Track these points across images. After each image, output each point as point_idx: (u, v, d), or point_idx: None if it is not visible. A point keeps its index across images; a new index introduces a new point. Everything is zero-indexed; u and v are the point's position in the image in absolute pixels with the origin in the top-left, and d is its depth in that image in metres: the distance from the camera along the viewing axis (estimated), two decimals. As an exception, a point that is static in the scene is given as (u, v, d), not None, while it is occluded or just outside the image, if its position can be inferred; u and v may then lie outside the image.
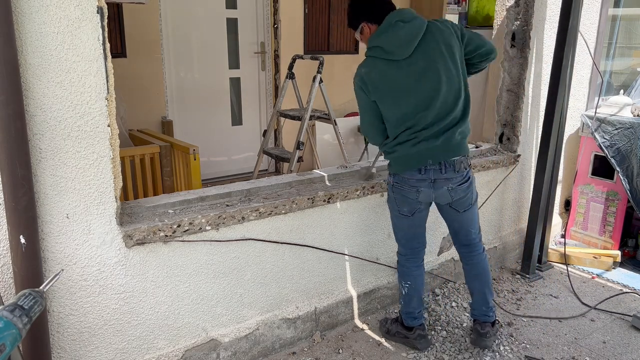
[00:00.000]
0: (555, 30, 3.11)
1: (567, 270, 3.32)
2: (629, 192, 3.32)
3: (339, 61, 5.44)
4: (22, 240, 1.67)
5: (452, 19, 5.98)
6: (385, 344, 2.61)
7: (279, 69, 5.16)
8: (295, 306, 2.57)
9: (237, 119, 5.26)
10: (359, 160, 4.88)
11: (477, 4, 5.07)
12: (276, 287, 2.47)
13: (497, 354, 2.54)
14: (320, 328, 2.67)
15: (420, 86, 2.16)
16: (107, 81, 1.82)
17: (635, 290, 3.17)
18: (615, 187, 3.52)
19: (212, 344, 2.30)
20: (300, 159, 3.68)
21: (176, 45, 4.71)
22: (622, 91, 3.71)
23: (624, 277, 3.36)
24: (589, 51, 3.51)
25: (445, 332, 2.71)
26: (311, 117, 3.75)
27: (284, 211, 2.36)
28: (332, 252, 2.62)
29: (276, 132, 5.17)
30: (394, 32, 2.13)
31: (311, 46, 5.43)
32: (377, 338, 2.67)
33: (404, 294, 2.52)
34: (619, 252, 3.50)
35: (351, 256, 2.71)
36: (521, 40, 3.24)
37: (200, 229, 2.12)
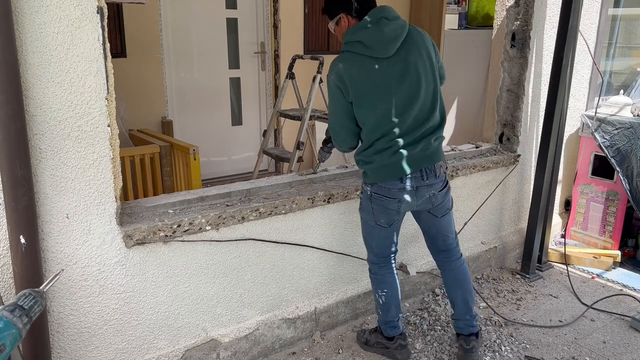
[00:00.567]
0: (555, 30, 3.11)
1: (567, 270, 3.32)
2: (629, 192, 3.32)
3: (339, 61, 5.44)
4: (22, 240, 1.67)
5: (452, 19, 6.00)
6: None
7: (279, 69, 5.16)
8: (295, 306, 2.57)
9: (237, 119, 5.26)
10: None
11: (477, 3, 5.07)
12: (276, 287, 2.47)
13: (497, 354, 2.54)
14: (320, 328, 2.67)
15: (400, 88, 2.06)
16: (107, 81, 1.82)
17: (635, 290, 3.17)
18: (615, 187, 3.52)
19: (212, 344, 2.30)
20: (300, 159, 3.68)
21: (176, 45, 4.71)
22: (622, 91, 3.71)
23: (624, 277, 3.36)
24: (589, 51, 3.51)
25: (445, 332, 2.71)
26: (311, 117, 3.75)
27: (284, 211, 2.36)
28: (332, 252, 2.62)
29: (276, 132, 5.17)
30: (378, 29, 2.01)
31: (311, 46, 5.43)
32: (377, 338, 2.67)
33: (381, 303, 2.42)
34: (619, 252, 3.50)
35: (351, 256, 2.71)
36: (521, 40, 3.24)
37: (200, 229, 2.12)
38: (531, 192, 3.32)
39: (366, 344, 2.55)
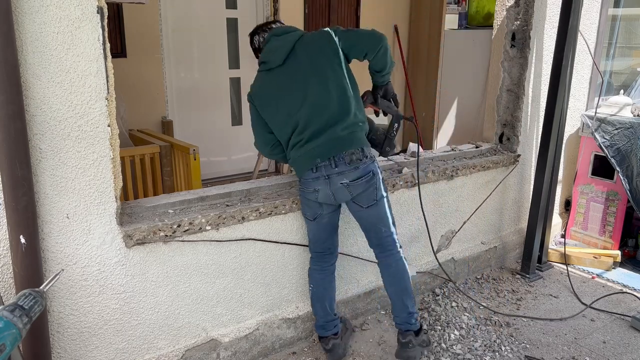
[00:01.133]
0: (555, 30, 3.11)
1: (567, 270, 3.32)
2: (629, 192, 3.32)
3: (339, 61, 5.44)
4: (22, 240, 1.67)
5: (452, 19, 6.01)
6: (387, 343, 2.61)
7: (279, 69, 5.15)
8: (295, 306, 2.57)
9: (237, 119, 5.26)
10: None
11: (477, 3, 5.07)
12: (276, 287, 2.47)
13: (497, 353, 2.54)
14: (320, 328, 2.66)
15: (293, 88, 2.22)
16: (107, 81, 1.82)
17: (635, 290, 3.17)
18: (615, 187, 3.52)
19: (212, 344, 2.30)
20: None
21: (176, 45, 4.71)
22: (622, 91, 3.71)
23: (624, 277, 3.36)
24: (589, 51, 3.51)
25: (445, 332, 2.71)
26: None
27: (284, 211, 2.36)
28: (332, 252, 2.62)
29: (276, 132, 5.16)
30: (269, 45, 2.27)
31: (311, 46, 5.42)
32: (377, 338, 2.67)
33: (310, 296, 2.46)
34: (619, 252, 3.50)
35: (351, 256, 2.71)
36: (521, 40, 3.24)
37: (200, 229, 2.12)
38: (531, 192, 3.32)
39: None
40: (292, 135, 2.25)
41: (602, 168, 3.58)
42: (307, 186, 2.26)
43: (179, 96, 4.82)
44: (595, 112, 3.52)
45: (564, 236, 3.81)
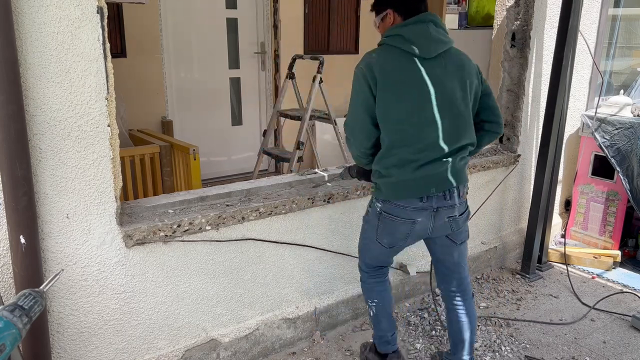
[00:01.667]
0: (555, 30, 3.11)
1: (567, 270, 3.32)
2: (629, 192, 3.32)
3: (338, 61, 5.44)
4: (22, 240, 1.67)
5: (452, 19, 6.00)
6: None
7: (279, 69, 5.16)
8: (295, 306, 2.57)
9: (237, 119, 5.26)
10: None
11: (477, 3, 5.07)
12: (276, 287, 2.47)
13: (497, 354, 2.54)
14: (320, 328, 2.66)
15: (434, 93, 1.86)
16: (107, 81, 1.82)
17: (635, 290, 3.17)
18: (616, 187, 3.52)
19: (212, 344, 2.30)
20: (300, 159, 3.68)
21: (176, 45, 4.71)
22: (622, 91, 3.71)
23: (624, 277, 3.36)
24: (589, 51, 3.51)
25: (445, 332, 2.71)
26: (311, 117, 3.75)
27: (284, 211, 2.36)
28: (332, 252, 2.62)
29: (276, 132, 5.16)
30: (424, 28, 1.87)
31: (311, 46, 5.43)
32: (377, 338, 2.67)
33: (372, 314, 2.25)
34: (619, 252, 3.50)
35: (351, 256, 2.71)
36: (521, 40, 3.24)
37: (200, 229, 2.12)
38: (531, 192, 3.32)
39: None
40: (405, 147, 1.88)
41: (602, 168, 3.58)
42: (402, 215, 1.94)
43: (179, 96, 4.82)
44: (596, 112, 3.52)
45: (564, 236, 3.81)
